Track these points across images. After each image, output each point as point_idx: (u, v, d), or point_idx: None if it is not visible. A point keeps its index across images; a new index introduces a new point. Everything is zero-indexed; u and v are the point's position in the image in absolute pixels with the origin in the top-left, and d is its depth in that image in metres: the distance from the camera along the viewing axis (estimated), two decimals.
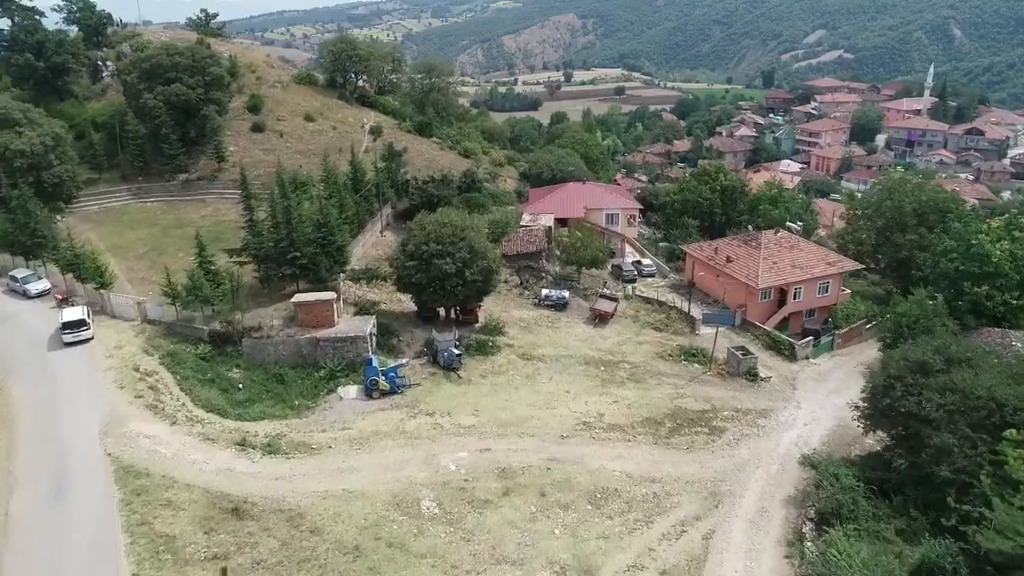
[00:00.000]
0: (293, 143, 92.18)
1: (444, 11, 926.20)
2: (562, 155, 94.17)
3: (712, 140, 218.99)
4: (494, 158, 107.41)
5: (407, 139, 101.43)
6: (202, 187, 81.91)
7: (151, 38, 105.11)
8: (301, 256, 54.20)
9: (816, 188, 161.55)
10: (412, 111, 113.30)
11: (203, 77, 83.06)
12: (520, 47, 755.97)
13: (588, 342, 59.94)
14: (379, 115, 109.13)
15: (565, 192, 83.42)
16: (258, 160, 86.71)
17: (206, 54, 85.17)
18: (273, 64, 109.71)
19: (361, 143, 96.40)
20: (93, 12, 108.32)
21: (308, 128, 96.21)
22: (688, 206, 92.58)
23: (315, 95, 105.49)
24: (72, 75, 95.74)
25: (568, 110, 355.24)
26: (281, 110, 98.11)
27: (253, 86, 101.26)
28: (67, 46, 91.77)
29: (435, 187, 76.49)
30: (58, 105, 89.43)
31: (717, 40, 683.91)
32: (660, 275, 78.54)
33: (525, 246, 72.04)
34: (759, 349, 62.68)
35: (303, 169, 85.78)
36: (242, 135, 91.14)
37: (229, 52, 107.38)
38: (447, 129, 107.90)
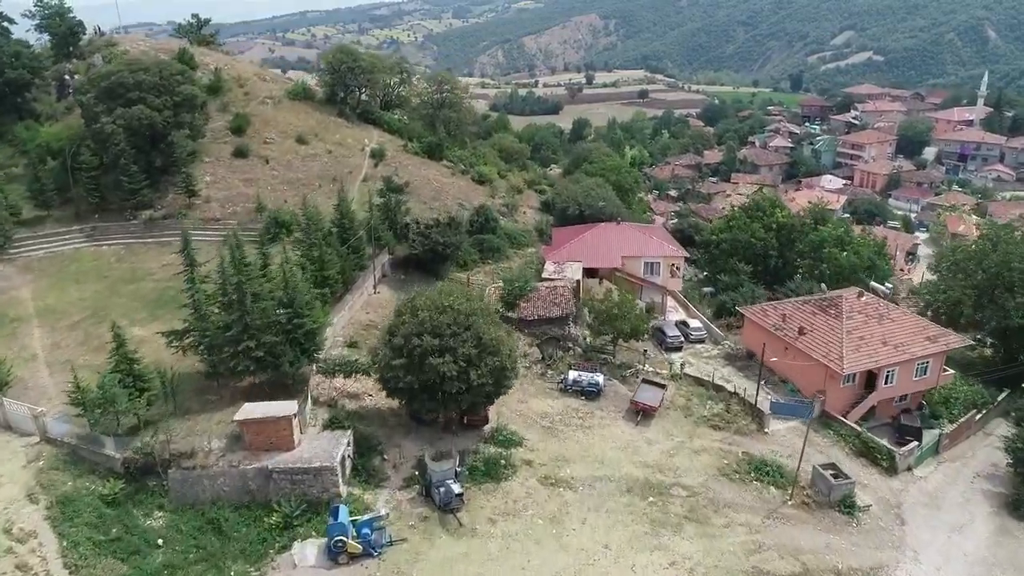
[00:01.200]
0: (280, 171, 78.91)
1: (465, 12, 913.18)
2: (590, 186, 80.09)
3: (745, 151, 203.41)
4: (512, 183, 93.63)
5: (413, 164, 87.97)
6: (169, 227, 68.71)
7: (129, 47, 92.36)
8: (257, 346, 40.75)
9: (864, 208, 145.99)
10: (421, 128, 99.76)
11: (172, 97, 69.94)
12: (541, 48, 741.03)
13: (629, 450, 45.97)
14: (383, 134, 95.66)
15: (595, 235, 69.43)
16: (237, 193, 73.51)
17: (176, 70, 71.99)
18: (265, 77, 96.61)
19: (360, 169, 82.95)
20: (62, 19, 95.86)
21: (299, 152, 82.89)
22: (738, 247, 78.29)
23: (311, 112, 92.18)
24: (35, 91, 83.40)
25: (590, 115, 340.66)
26: (270, 131, 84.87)
27: (240, 103, 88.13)
28: (24, 59, 79.13)
29: (441, 233, 62.84)
30: (16, 127, 77.21)
31: (741, 41, 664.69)
32: (711, 339, 64.34)
33: (548, 308, 58.18)
34: (847, 456, 48.47)
35: (288, 204, 72.63)
36: (222, 162, 77.98)
37: (216, 63, 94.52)
38: (459, 151, 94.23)
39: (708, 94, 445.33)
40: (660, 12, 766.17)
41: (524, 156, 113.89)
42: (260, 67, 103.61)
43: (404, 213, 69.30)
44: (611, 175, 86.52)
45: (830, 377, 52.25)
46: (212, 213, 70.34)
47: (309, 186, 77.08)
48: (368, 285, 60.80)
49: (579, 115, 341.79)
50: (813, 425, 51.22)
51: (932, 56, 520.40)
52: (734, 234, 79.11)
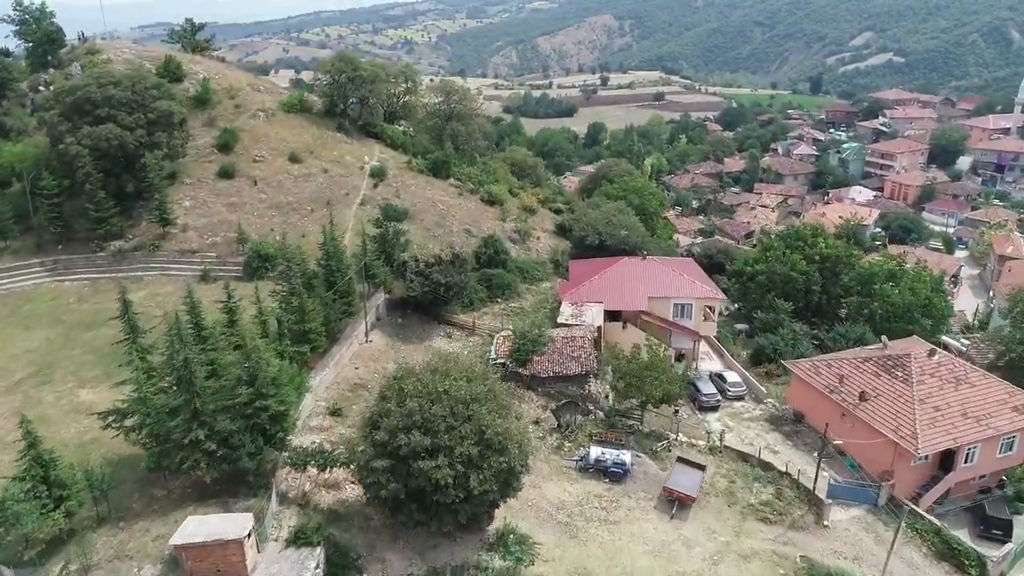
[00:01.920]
0: (270, 193, 71.08)
1: (479, 12, 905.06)
2: (611, 211, 71.59)
3: (768, 159, 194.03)
4: (525, 203, 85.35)
5: (417, 183, 79.90)
6: (140, 260, 61.10)
7: (113, 55, 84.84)
8: (209, 436, 32.73)
9: (898, 223, 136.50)
10: (427, 142, 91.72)
11: (146, 114, 62.23)
12: (555, 48, 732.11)
13: (664, 556, 37.61)
14: (385, 150, 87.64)
15: (618, 272, 61.02)
16: (219, 220, 65.71)
17: (151, 83, 64.23)
18: (259, 87, 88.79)
19: (358, 191, 74.97)
20: (39, 24, 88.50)
21: (292, 172, 75.00)
22: (776, 280, 69.63)
23: (307, 126, 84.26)
24: (5, 104, 76.16)
25: (605, 117, 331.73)
26: (260, 148, 77.05)
27: (229, 116, 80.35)
28: None
29: (443, 272, 54.67)
30: None
31: (758, 42, 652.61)
32: (751, 396, 55.83)
33: (565, 364, 49.93)
34: (925, 558, 39.93)
35: (275, 233, 64.78)
36: (204, 184, 70.20)
37: (206, 72, 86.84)
38: (467, 169, 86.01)
39: (725, 96, 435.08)
40: (675, 13, 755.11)
41: (537, 170, 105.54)
42: (255, 76, 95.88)
43: (403, 246, 61.25)
44: (633, 197, 77.94)
45: (900, 456, 43.71)
46: (189, 244, 62.56)
47: (300, 211, 69.29)
48: (359, 332, 52.76)
49: (594, 118, 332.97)
50: (880, 514, 42.80)
51: (955, 58, 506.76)
52: (771, 265, 70.47)
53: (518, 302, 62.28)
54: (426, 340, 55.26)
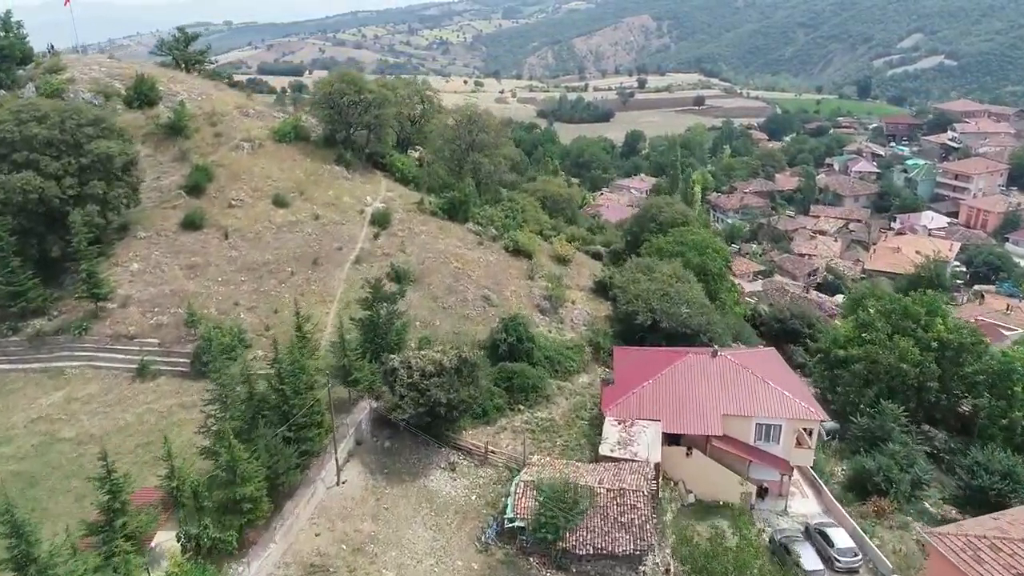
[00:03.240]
0: (243, 249, 56.80)
1: (515, 12, 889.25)
2: (667, 279, 55.71)
3: (824, 176, 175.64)
4: (558, 251, 70.11)
5: (429, 230, 65.13)
6: (63, 345, 47.12)
7: (79, 73, 71.41)
8: None
9: (983, 259, 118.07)
10: (445, 173, 76.93)
11: (77, 158, 48.24)
12: (591, 49, 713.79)
13: None
14: (394, 185, 73.08)
15: (680, 375, 45.37)
16: (171, 291, 51.44)
17: (88, 118, 50.09)
18: (248, 111, 74.60)
19: (355, 243, 60.41)
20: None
21: (275, 220, 60.74)
22: (879, 371, 53.38)
23: (300, 159, 69.95)
24: None
25: (642, 123, 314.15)
26: (240, 188, 62.94)
27: (207, 148, 66.42)
28: None
29: (445, 385, 39.63)
30: None
31: (801, 43, 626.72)
32: (869, 568, 39.73)
33: (610, 536, 34.60)
34: None
35: (239, 308, 50.47)
36: (163, 238, 56.17)
37: (188, 93, 73.05)
38: (489, 210, 70.87)
39: (768, 101, 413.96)
40: (714, 13, 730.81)
41: (574, 204, 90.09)
42: (247, 96, 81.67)
43: (398, 330, 46.37)
44: (692, 254, 62.02)
45: None
46: (128, 325, 48.37)
47: (278, 274, 54.88)
48: (328, 471, 37.98)
49: (631, 123, 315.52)
50: None
51: (1010, 61, 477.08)
52: (870, 350, 54.16)
53: (546, 409, 46.95)
54: (421, 476, 40.32)
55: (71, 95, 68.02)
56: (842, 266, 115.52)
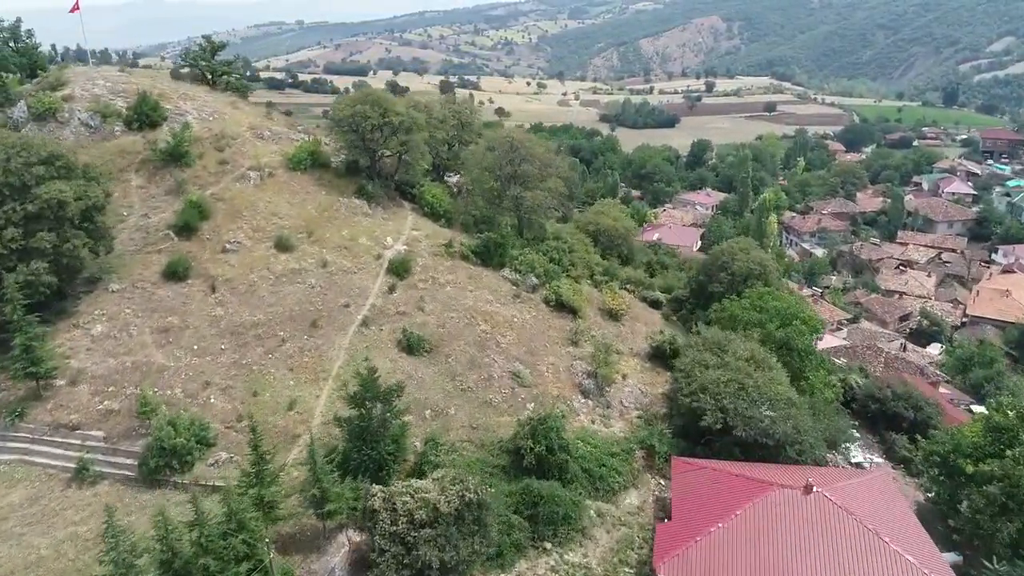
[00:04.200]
0: (231, 307, 47.39)
1: (581, 13, 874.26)
2: (742, 366, 43.66)
3: (911, 197, 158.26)
4: (609, 304, 58.82)
5: (456, 279, 54.83)
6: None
7: (80, 89, 63.49)
8: None
9: None
10: (483, 204, 66.42)
11: (23, 205, 39.49)
12: (658, 51, 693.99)
13: None
14: (422, 220, 63.01)
15: (762, 519, 33.52)
16: (133, 363, 42.19)
17: (39, 156, 41.11)
18: (264, 132, 65.55)
19: (364, 298, 50.45)
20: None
21: (274, 268, 51.22)
22: (1018, 496, 40.30)
23: (315, 191, 60.46)
24: None
25: (710, 130, 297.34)
26: (239, 228, 53.71)
27: (208, 178, 57.52)
28: None
29: (437, 541, 28.96)
30: None
31: (880, 46, 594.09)
32: None
33: None
34: None
35: (209, 392, 40.99)
36: (138, 291, 47.19)
37: (198, 113, 64.48)
38: (531, 255, 59.86)
39: (844, 107, 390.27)
40: (788, 14, 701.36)
41: (632, 237, 78.26)
42: (266, 114, 72.69)
43: (397, 431, 36.04)
44: (773, 324, 49.61)
45: None
46: (72, 410, 39.24)
47: (267, 341, 45.25)
48: None
49: (697, 129, 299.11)
50: None
51: None
52: (1009, 468, 41.05)
53: (581, 548, 35.77)
54: None
55: (66, 115, 60.19)
56: (939, 309, 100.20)
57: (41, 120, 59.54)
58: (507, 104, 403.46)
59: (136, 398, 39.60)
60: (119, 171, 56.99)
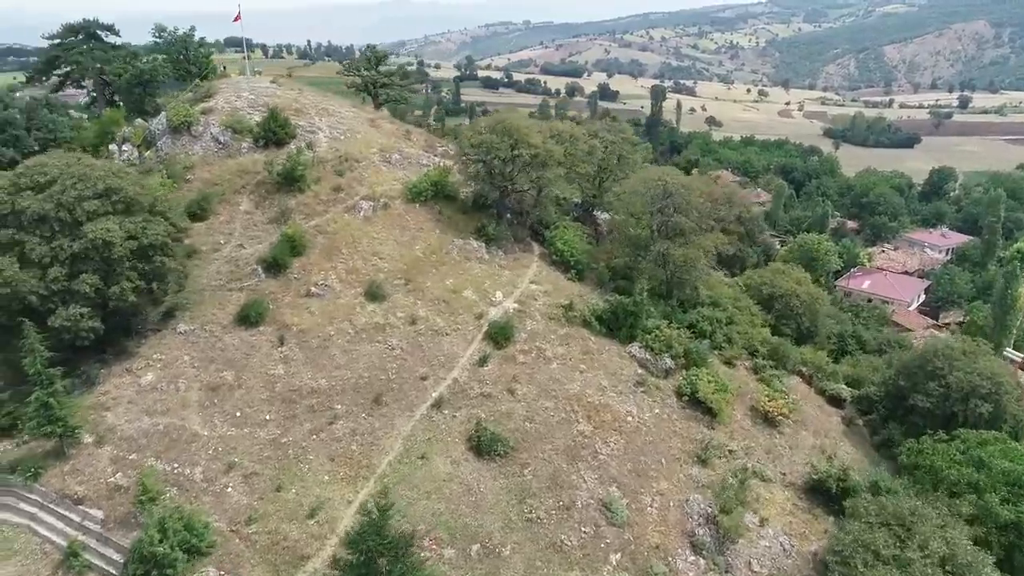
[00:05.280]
0: (294, 364, 41.19)
1: (818, 15, 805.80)
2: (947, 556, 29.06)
3: None
4: (764, 407, 45.42)
5: (569, 354, 45.05)
6: (11, 489, 34.82)
7: (224, 101, 61.54)
8: None
9: None
10: (624, 257, 55.12)
11: (72, 242, 35.59)
12: (905, 59, 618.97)
13: None
14: (547, 271, 53.28)
15: None
16: (167, 427, 36.99)
17: (95, 190, 36.91)
18: (394, 156, 59.43)
19: (448, 369, 42.15)
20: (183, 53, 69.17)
21: (356, 320, 44.45)
22: None
23: (431, 227, 53.07)
24: None
25: (958, 155, 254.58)
26: (333, 268, 47.72)
27: (317, 207, 52.31)
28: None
29: None
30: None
31: None
32: None
33: None
34: None
35: (228, 480, 34.77)
36: (205, 336, 42.43)
37: (328, 130, 60.06)
38: (668, 329, 47.56)
39: None
40: None
41: (818, 306, 62.28)
42: (406, 134, 66.63)
43: None
44: (992, 489, 33.44)
45: None
46: (86, 478, 34.68)
47: (316, 417, 38.41)
48: None
49: (943, 152, 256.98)
50: None
51: None
52: None
53: None
54: None
55: (200, 128, 58.31)
56: None
57: (176, 133, 58.06)
58: (720, 112, 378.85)
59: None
60: (233, 192, 53.59)
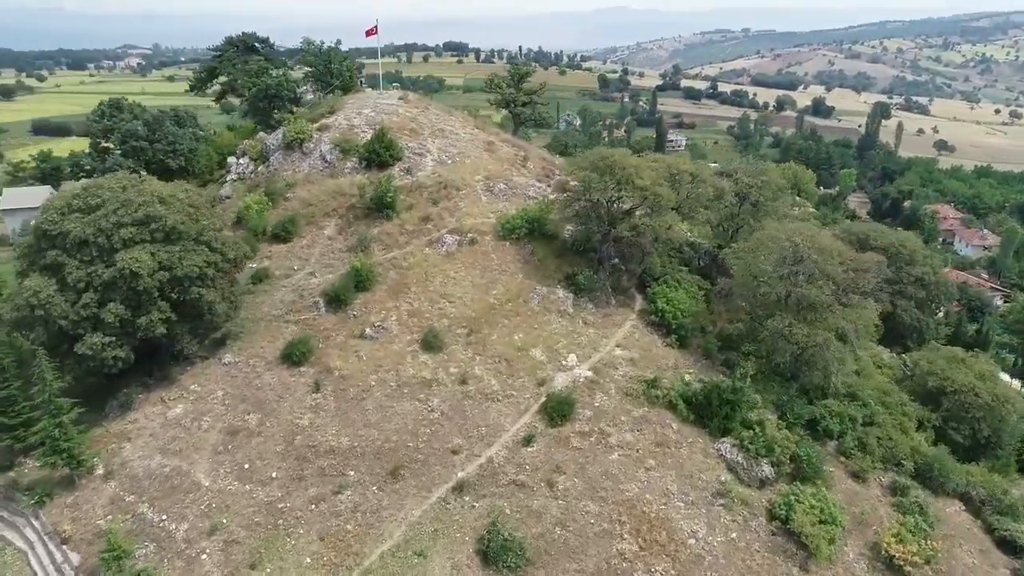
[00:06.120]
0: (322, 418, 37.75)
1: None
2: None
3: None
4: (887, 543, 34.68)
5: (639, 442, 38.18)
6: (22, 510, 34.59)
7: (343, 119, 60.39)
8: None
9: None
10: (742, 324, 45.74)
11: (107, 268, 34.69)
12: None
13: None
14: (643, 333, 45.44)
15: None
16: (171, 471, 35.02)
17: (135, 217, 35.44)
18: (499, 185, 54.31)
19: (488, 445, 36.67)
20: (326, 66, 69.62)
21: (405, 370, 40.22)
22: None
23: (516, 270, 47.42)
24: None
25: None
26: (395, 308, 43.99)
27: (400, 238, 48.95)
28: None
29: None
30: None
31: None
32: None
33: None
34: None
35: (210, 545, 31.89)
36: (246, 371, 40.34)
37: (436, 153, 56.70)
38: (774, 428, 37.89)
39: None
40: None
41: (1005, 411, 47.81)
42: (522, 160, 60.94)
43: None
44: None
45: None
46: (80, 515, 33.45)
47: (327, 479, 34.69)
48: None
49: None
50: None
51: None
52: None
53: None
54: None
55: (311, 145, 57.53)
56: None
57: (289, 149, 57.74)
58: (955, 135, 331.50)
59: (142, 517, 32.40)
60: (324, 215, 51.87)
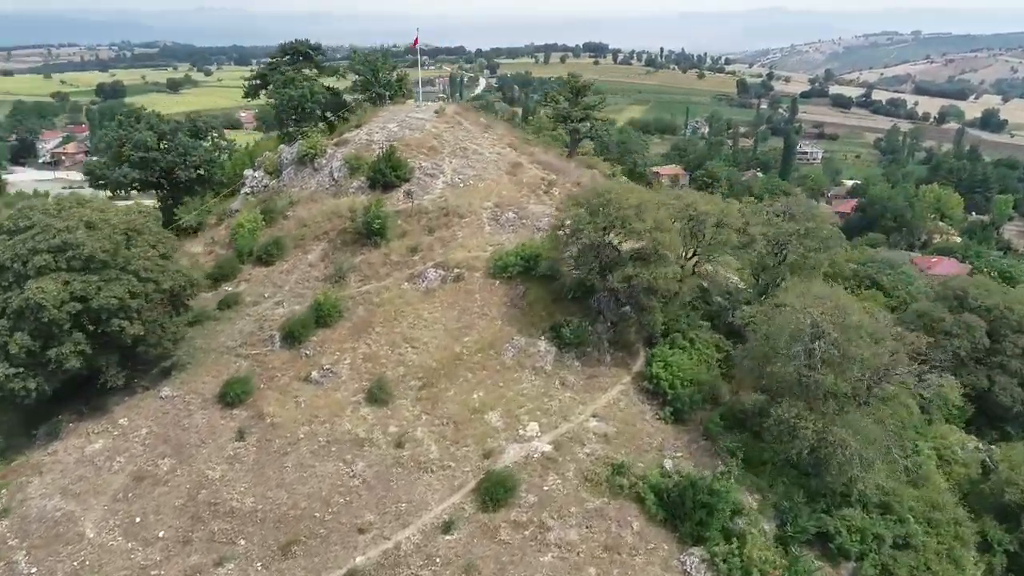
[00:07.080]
0: (234, 474, 34.50)
1: None
2: None
3: None
4: None
5: (590, 539, 31.72)
6: None
7: (364, 134, 57.09)
8: None
9: None
10: (752, 402, 37.52)
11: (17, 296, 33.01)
12: None
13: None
14: (626, 401, 38.45)
15: None
16: (60, 517, 32.59)
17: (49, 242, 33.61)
18: (508, 214, 48.62)
19: (393, 530, 31.61)
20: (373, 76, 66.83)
21: (339, 425, 36.16)
22: None
23: (498, 313, 41.87)
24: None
25: None
26: (353, 348, 40.07)
27: (379, 270, 44.88)
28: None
29: None
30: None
31: None
32: None
33: None
34: None
35: None
36: (179, 407, 37.58)
37: (452, 175, 52.21)
38: (763, 548, 29.98)
39: None
40: None
41: None
42: (545, 186, 54.56)
43: None
44: None
45: None
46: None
47: (214, 547, 31.72)
48: None
49: None
50: None
51: None
52: None
53: None
54: None
55: (323, 161, 54.78)
56: None
57: (301, 164, 55.36)
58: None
59: (14, 567, 30.28)
60: (314, 238, 48.84)
